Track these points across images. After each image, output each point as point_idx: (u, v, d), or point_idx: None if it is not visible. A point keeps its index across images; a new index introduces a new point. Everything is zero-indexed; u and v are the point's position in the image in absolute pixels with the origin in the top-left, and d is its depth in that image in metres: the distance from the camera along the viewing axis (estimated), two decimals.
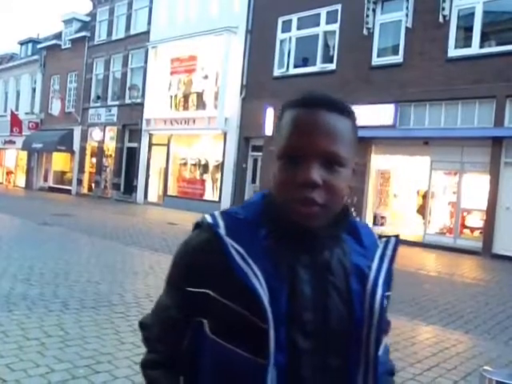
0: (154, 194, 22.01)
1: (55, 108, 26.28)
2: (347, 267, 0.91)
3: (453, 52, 12.74)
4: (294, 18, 16.59)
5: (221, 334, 0.85)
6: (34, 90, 30.75)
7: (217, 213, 0.93)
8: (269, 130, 16.72)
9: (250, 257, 0.85)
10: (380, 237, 1.01)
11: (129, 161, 23.36)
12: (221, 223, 0.90)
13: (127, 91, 22.87)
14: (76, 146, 26.58)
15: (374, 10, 14.31)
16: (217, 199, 18.88)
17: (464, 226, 12.82)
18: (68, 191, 26.82)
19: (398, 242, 0.99)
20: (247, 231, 0.89)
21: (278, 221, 0.88)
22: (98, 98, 25.47)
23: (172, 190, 21.28)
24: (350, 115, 0.91)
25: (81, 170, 26.47)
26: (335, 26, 15.50)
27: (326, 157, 0.85)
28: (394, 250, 0.97)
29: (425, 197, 13.83)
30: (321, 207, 0.85)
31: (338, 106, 0.89)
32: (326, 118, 0.86)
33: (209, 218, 0.91)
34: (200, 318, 0.89)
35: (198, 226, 0.94)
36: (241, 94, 18.03)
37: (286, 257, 0.87)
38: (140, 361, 1.01)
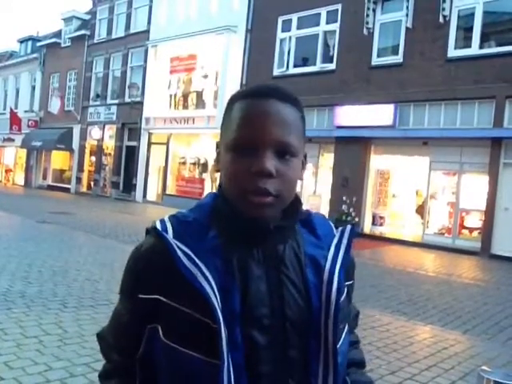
0: (153, 193, 22.01)
1: (54, 106, 26.25)
2: (302, 259, 0.91)
3: (453, 52, 12.75)
4: (294, 17, 16.59)
5: (175, 338, 0.84)
6: (33, 88, 30.72)
7: (166, 217, 0.92)
8: None
9: (198, 258, 0.84)
10: (336, 226, 1.00)
11: (128, 159, 23.35)
12: (169, 227, 0.89)
13: (127, 90, 22.86)
14: (75, 145, 26.56)
15: (374, 10, 14.31)
16: None
17: (463, 227, 12.83)
18: (67, 189, 26.81)
19: (354, 230, 0.98)
20: (196, 233, 0.87)
21: (229, 217, 0.87)
22: (98, 96, 25.45)
23: (171, 189, 21.28)
24: (298, 106, 0.90)
25: (80, 168, 26.46)
26: (335, 26, 15.50)
27: (278, 146, 0.84)
28: (350, 238, 0.96)
29: (421, 196, 13.85)
30: (274, 197, 0.84)
31: (288, 96, 0.88)
32: (278, 108, 0.85)
33: (157, 223, 0.91)
34: (154, 324, 0.87)
35: (148, 231, 0.92)
36: None
37: (237, 253, 0.86)
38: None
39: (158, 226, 0.90)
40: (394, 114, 13.56)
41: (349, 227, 0.98)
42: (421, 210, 14.02)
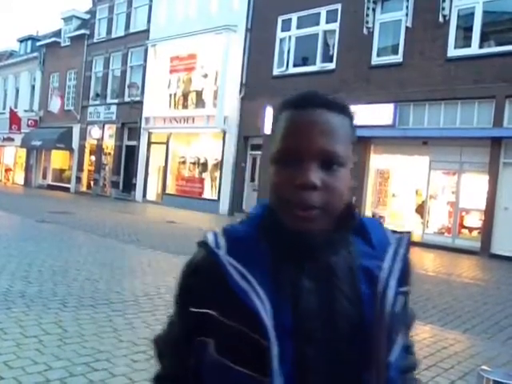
0: (152, 193, 22.01)
1: (55, 105, 26.24)
2: (355, 270, 0.87)
3: (452, 52, 12.75)
4: (294, 16, 16.59)
5: (224, 352, 0.84)
6: (33, 87, 30.72)
7: (219, 230, 0.92)
8: (268, 128, 16.68)
9: (249, 273, 0.83)
10: (394, 232, 0.96)
11: (128, 159, 23.35)
12: (221, 241, 0.88)
13: (126, 89, 22.86)
14: (75, 144, 26.56)
15: (373, 10, 14.31)
16: (216, 198, 18.89)
17: (462, 226, 12.84)
18: (67, 189, 26.81)
19: (410, 239, 0.95)
20: (246, 247, 0.86)
21: (277, 230, 0.85)
22: (98, 95, 25.45)
23: (171, 189, 21.28)
24: (347, 113, 0.89)
25: (80, 167, 26.46)
26: (335, 25, 15.50)
27: (323, 157, 0.82)
28: (407, 248, 0.93)
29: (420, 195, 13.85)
30: (320, 210, 0.81)
31: (333, 104, 0.87)
32: (322, 117, 0.84)
33: (209, 236, 0.90)
34: (203, 338, 0.87)
35: (200, 244, 0.91)
36: (240, 92, 18.02)
37: (287, 267, 0.84)
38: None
39: (210, 240, 0.89)
40: (394, 113, 13.57)
41: (406, 237, 0.95)
42: (420, 210, 14.02)
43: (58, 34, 29.24)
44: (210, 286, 0.86)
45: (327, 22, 15.76)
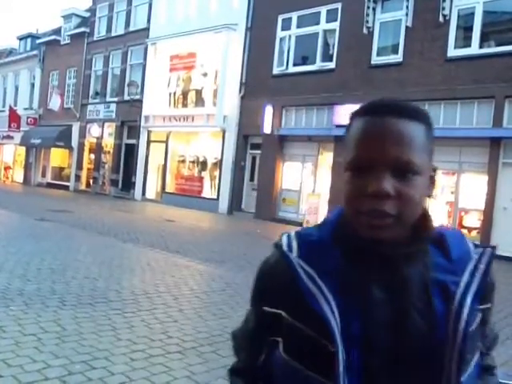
0: (152, 191, 22.01)
1: (54, 103, 26.21)
2: (429, 284, 0.84)
3: (452, 52, 12.75)
4: (294, 15, 16.58)
5: (293, 354, 0.86)
6: (32, 85, 30.68)
7: (293, 233, 0.93)
8: (267, 128, 16.73)
9: (320, 278, 0.83)
10: (476, 246, 0.92)
11: (127, 157, 23.34)
12: (294, 244, 0.89)
13: (126, 88, 22.84)
14: (74, 142, 26.55)
15: (374, 9, 14.31)
16: (215, 197, 18.89)
17: (461, 226, 12.84)
18: (66, 187, 26.79)
19: (493, 254, 0.91)
20: (318, 252, 0.87)
21: (350, 237, 0.85)
22: (97, 94, 25.43)
23: (170, 187, 21.27)
24: (422, 119, 0.85)
25: (79, 166, 26.44)
26: (335, 25, 15.49)
27: (397, 165, 0.80)
28: (489, 263, 0.89)
29: None
30: (393, 218, 0.80)
31: (408, 111, 0.84)
32: (396, 125, 0.82)
33: (283, 239, 0.92)
34: (275, 337, 0.89)
35: (275, 246, 0.93)
36: (240, 91, 18.02)
37: (359, 276, 0.83)
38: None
39: (284, 242, 0.91)
40: None
41: (489, 250, 0.91)
42: None
43: (57, 31, 29.20)
44: (282, 287, 0.87)
45: (327, 22, 15.75)
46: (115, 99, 23.96)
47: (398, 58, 13.81)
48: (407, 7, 13.43)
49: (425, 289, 0.84)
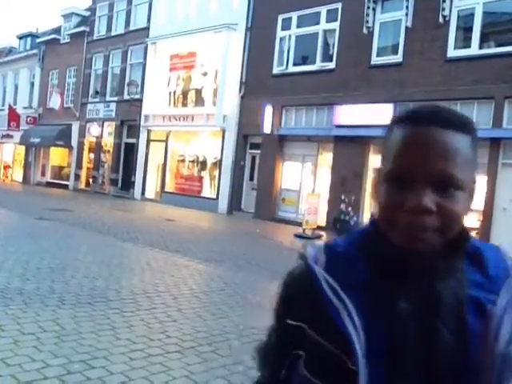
0: (151, 191, 22.01)
1: (55, 102, 26.19)
2: (463, 302, 0.78)
3: (452, 52, 12.76)
4: (294, 15, 16.57)
5: (314, 371, 0.82)
6: (32, 84, 30.66)
7: (319, 244, 0.90)
8: (267, 127, 16.73)
9: (344, 292, 0.80)
10: None
11: (127, 157, 23.33)
12: (321, 256, 0.86)
13: (126, 87, 22.83)
14: (74, 141, 26.53)
15: (374, 9, 14.31)
16: (214, 196, 18.88)
17: None
18: (65, 186, 26.78)
19: None
20: (345, 265, 0.84)
21: (379, 249, 0.81)
22: (97, 93, 25.42)
23: (170, 187, 21.27)
24: (470, 130, 0.80)
25: (79, 165, 26.43)
26: (335, 25, 15.49)
27: (439, 180, 0.76)
28: None
29: None
30: (435, 233, 0.76)
31: (454, 122, 0.79)
32: (440, 136, 0.77)
33: (309, 250, 0.88)
34: (297, 351, 0.86)
35: (300, 257, 0.90)
36: (240, 91, 18.01)
37: (387, 290, 0.79)
38: None
39: (310, 253, 0.87)
40: (393, 113, 13.52)
41: None
42: None
43: (57, 30, 29.18)
44: (306, 300, 0.84)
45: (327, 21, 15.75)
46: (115, 98, 23.94)
47: (397, 58, 13.82)
48: (407, 7, 13.43)
49: (458, 306, 0.78)
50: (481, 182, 12.14)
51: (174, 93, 21.08)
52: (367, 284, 0.81)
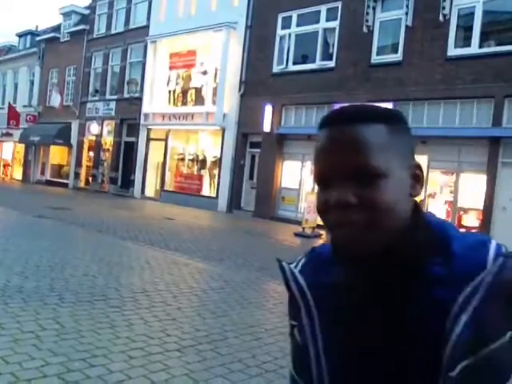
0: (151, 189, 22.00)
1: (55, 101, 26.16)
2: (424, 302, 0.74)
3: (452, 51, 12.75)
4: (294, 14, 16.56)
5: (294, 366, 0.90)
6: (32, 82, 30.63)
7: (313, 248, 0.94)
8: (267, 126, 16.73)
9: (310, 292, 0.85)
10: (499, 255, 0.73)
11: (126, 155, 23.32)
12: (302, 258, 0.91)
13: (126, 85, 22.82)
14: (74, 140, 26.52)
15: (374, 8, 14.30)
16: (214, 195, 18.88)
17: (460, 226, 12.83)
18: (65, 185, 26.77)
19: (505, 263, 0.71)
20: (318, 267, 0.87)
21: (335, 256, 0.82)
22: (97, 91, 25.40)
23: (169, 185, 21.26)
24: (381, 119, 0.78)
25: (78, 163, 26.42)
26: (335, 24, 15.48)
27: (356, 173, 0.74)
28: (496, 273, 0.71)
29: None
30: (365, 227, 0.73)
31: (360, 115, 0.78)
32: (347, 132, 0.77)
33: (302, 256, 0.93)
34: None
35: (277, 259, 0.93)
36: (239, 90, 18.00)
37: (350, 293, 0.80)
38: None
39: (298, 258, 0.92)
40: None
41: (500, 259, 0.72)
42: None
43: (57, 29, 29.15)
44: (290, 299, 0.89)
45: (327, 20, 15.74)
46: (115, 97, 23.93)
47: (397, 57, 13.81)
48: (407, 6, 13.41)
49: (419, 307, 0.74)
50: (480, 181, 12.16)
51: (174, 91, 21.07)
52: (334, 286, 0.83)
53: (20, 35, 33.06)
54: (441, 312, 0.71)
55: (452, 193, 13.01)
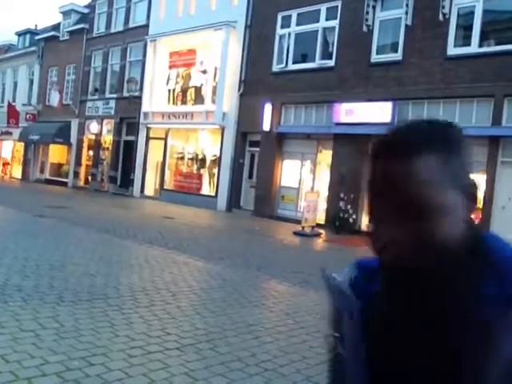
0: (150, 188, 21.99)
1: (54, 99, 26.14)
2: (471, 317, 0.71)
3: (452, 50, 12.75)
4: (294, 13, 16.55)
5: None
6: (31, 81, 30.61)
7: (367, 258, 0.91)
8: (266, 125, 16.73)
9: (359, 310, 0.83)
10: None
11: (126, 154, 23.30)
12: (353, 271, 0.89)
13: (125, 84, 22.80)
14: (73, 139, 26.50)
15: (373, 7, 14.29)
16: (213, 194, 18.88)
17: None
18: (64, 184, 26.76)
19: None
20: (364, 277, 0.87)
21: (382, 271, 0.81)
22: (96, 90, 25.38)
23: (169, 184, 21.26)
24: (432, 147, 0.74)
25: (78, 162, 26.40)
26: (335, 23, 15.47)
27: (409, 208, 0.71)
28: None
29: None
30: (413, 246, 0.72)
31: (416, 147, 0.73)
32: (400, 167, 0.73)
33: (350, 267, 0.91)
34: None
35: (321, 269, 0.94)
36: (239, 89, 18.00)
37: (391, 307, 0.78)
38: None
39: (351, 268, 0.91)
40: (393, 111, 13.56)
41: None
42: None
43: (56, 28, 29.12)
44: (334, 311, 0.91)
45: (327, 19, 15.73)
46: (114, 96, 23.91)
47: (397, 56, 13.80)
48: (407, 5, 13.41)
49: (466, 323, 0.71)
50: (480, 180, 12.15)
51: (174, 90, 21.06)
52: (376, 296, 0.82)
53: (19, 34, 33.00)
54: (488, 328, 0.70)
55: None
